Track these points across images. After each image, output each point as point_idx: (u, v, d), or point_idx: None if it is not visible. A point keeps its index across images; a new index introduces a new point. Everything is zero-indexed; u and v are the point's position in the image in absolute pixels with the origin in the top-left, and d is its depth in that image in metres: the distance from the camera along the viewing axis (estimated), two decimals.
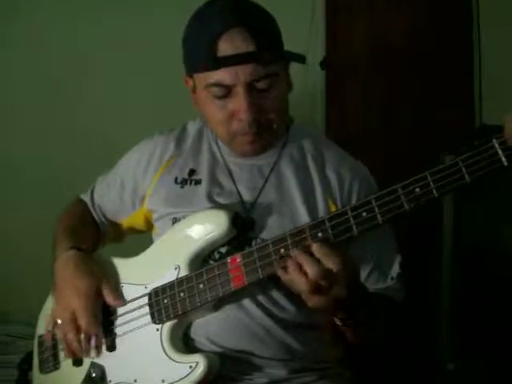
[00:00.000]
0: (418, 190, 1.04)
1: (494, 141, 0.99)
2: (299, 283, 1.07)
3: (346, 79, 2.25)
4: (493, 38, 2.20)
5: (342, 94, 2.26)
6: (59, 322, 1.28)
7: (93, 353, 1.28)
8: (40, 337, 1.40)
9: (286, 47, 1.29)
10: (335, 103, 2.26)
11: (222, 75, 1.20)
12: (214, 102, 1.25)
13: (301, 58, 1.30)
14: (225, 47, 1.18)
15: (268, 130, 1.28)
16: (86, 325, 1.24)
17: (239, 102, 1.21)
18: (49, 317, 1.33)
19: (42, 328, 1.40)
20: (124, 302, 1.28)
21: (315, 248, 1.07)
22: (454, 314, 1.90)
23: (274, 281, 1.19)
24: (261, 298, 1.23)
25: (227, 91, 1.22)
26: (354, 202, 1.29)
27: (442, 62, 2.20)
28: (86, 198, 1.51)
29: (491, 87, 2.20)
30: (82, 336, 1.25)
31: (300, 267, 1.07)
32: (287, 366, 1.24)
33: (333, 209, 1.28)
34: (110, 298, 1.28)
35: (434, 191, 1.03)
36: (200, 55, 1.21)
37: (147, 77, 2.28)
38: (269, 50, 1.21)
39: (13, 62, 2.36)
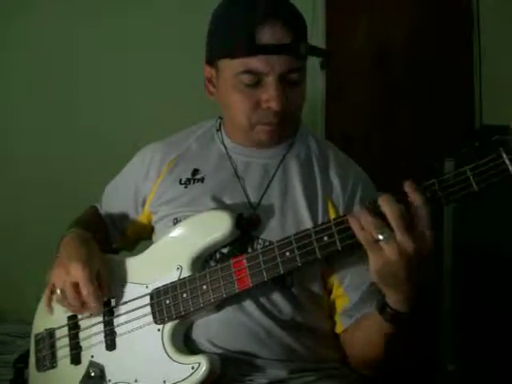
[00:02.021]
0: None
1: (502, 151, 0.99)
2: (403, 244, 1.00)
3: (346, 79, 2.26)
4: (493, 38, 2.20)
5: (342, 94, 2.26)
6: (58, 291, 1.26)
7: (94, 313, 1.27)
8: (37, 335, 1.39)
9: None
10: (335, 103, 2.26)
11: (258, 62, 1.20)
12: (241, 90, 1.25)
13: (326, 54, 1.31)
14: (265, 36, 1.19)
15: (288, 122, 1.29)
16: (89, 292, 1.22)
17: (270, 92, 1.22)
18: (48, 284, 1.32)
19: (38, 326, 1.39)
20: (113, 297, 1.28)
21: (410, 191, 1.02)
22: (455, 315, 1.90)
23: (276, 282, 1.19)
24: (261, 299, 1.22)
25: (257, 80, 1.22)
26: (356, 204, 1.29)
27: (442, 62, 2.20)
28: (98, 205, 1.53)
29: (491, 87, 2.20)
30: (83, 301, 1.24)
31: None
32: (287, 366, 1.24)
33: (331, 211, 1.28)
34: (105, 286, 1.27)
35: (442, 199, 1.03)
36: (237, 41, 1.22)
37: (147, 77, 2.29)
38: (302, 44, 1.24)
39: (13, 62, 2.36)
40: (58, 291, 1.27)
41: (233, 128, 1.36)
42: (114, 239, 1.49)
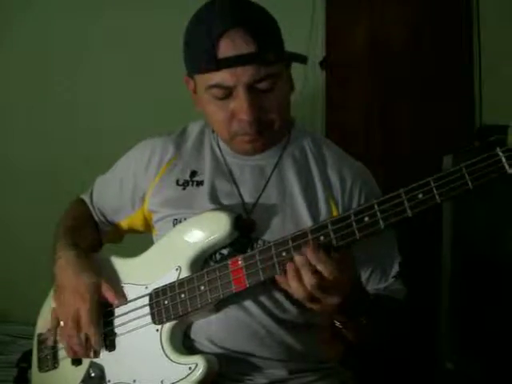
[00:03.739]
0: (420, 195, 1.03)
1: (498, 149, 0.98)
2: (297, 291, 1.08)
3: (346, 79, 2.26)
4: (493, 37, 2.20)
5: (341, 94, 2.26)
6: (62, 323, 1.29)
7: (92, 354, 1.28)
8: (39, 335, 1.40)
9: (286, 47, 1.28)
10: (335, 103, 2.26)
11: (223, 76, 1.19)
12: (214, 102, 1.24)
13: (302, 59, 1.29)
14: (225, 48, 1.17)
15: (269, 129, 1.27)
16: (89, 327, 1.24)
17: (240, 103, 1.20)
18: (50, 317, 1.33)
19: (41, 327, 1.40)
20: (125, 300, 1.28)
21: (310, 254, 1.07)
22: (454, 313, 1.90)
23: (275, 282, 1.19)
24: (262, 298, 1.23)
25: (228, 92, 1.21)
26: (355, 203, 1.30)
27: (442, 62, 2.20)
28: (86, 198, 1.50)
29: (491, 87, 2.20)
30: (83, 336, 1.25)
31: (299, 276, 1.08)
32: (287, 366, 1.25)
33: (334, 210, 1.29)
34: (109, 295, 1.27)
35: (437, 197, 1.02)
36: (201, 57, 1.20)
37: (147, 76, 2.29)
38: (270, 50, 1.20)
39: (12, 62, 2.36)
40: (62, 323, 1.28)
41: (219, 136, 1.36)
42: (104, 233, 1.47)
